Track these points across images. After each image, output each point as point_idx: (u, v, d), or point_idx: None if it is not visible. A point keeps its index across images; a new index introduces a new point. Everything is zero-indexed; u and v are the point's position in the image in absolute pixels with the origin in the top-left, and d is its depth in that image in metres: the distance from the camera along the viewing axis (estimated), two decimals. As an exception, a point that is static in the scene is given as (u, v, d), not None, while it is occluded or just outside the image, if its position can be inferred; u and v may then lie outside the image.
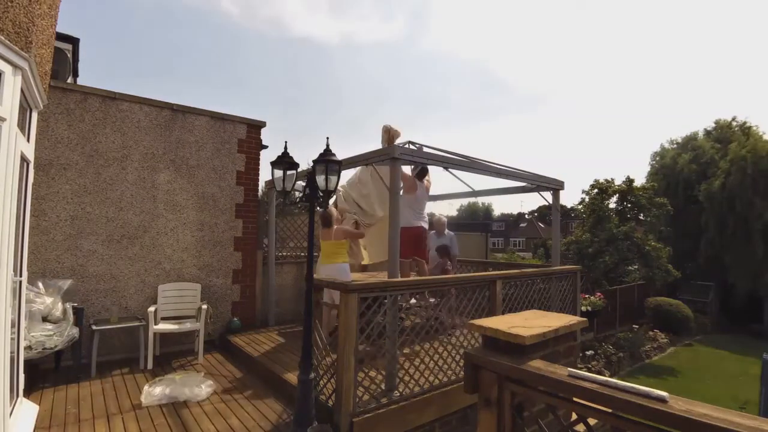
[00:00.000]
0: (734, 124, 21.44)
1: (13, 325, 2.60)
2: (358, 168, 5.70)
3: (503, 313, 4.00)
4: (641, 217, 16.58)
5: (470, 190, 6.01)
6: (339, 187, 4.91)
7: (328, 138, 3.09)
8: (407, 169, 5.19)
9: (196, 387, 3.72)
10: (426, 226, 5.47)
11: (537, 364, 1.61)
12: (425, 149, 4.49)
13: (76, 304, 4.17)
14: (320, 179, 2.97)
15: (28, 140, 2.97)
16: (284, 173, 3.11)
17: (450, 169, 4.44)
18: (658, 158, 23.39)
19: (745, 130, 20.38)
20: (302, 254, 6.64)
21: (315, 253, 3.62)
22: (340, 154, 3.10)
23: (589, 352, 11.07)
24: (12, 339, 2.54)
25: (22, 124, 2.80)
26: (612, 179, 16.68)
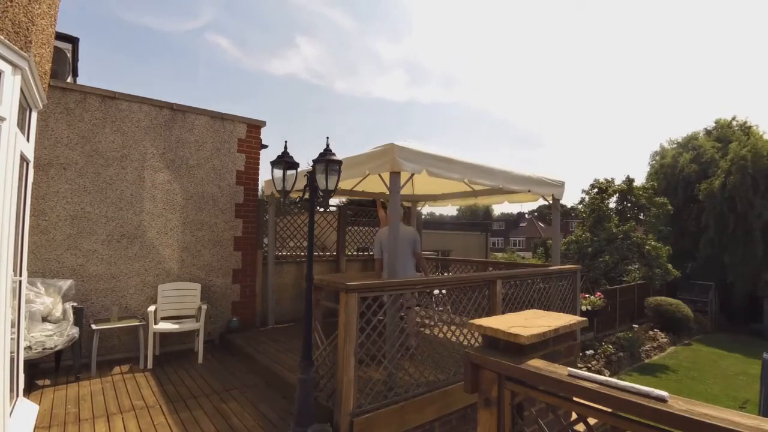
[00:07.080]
0: (734, 123, 21.41)
1: (13, 325, 2.60)
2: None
3: (503, 313, 4.00)
4: (641, 217, 16.60)
5: (471, 190, 6.01)
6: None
7: (328, 138, 3.09)
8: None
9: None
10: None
11: (537, 364, 1.61)
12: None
13: (76, 304, 4.17)
14: (320, 179, 2.97)
15: (27, 140, 2.96)
16: (284, 173, 3.11)
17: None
18: (658, 158, 23.41)
19: (745, 130, 20.35)
20: (302, 254, 6.63)
21: (315, 253, 3.61)
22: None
23: (589, 352, 11.08)
24: (12, 339, 2.54)
25: (22, 124, 2.80)
26: (612, 179, 16.71)
